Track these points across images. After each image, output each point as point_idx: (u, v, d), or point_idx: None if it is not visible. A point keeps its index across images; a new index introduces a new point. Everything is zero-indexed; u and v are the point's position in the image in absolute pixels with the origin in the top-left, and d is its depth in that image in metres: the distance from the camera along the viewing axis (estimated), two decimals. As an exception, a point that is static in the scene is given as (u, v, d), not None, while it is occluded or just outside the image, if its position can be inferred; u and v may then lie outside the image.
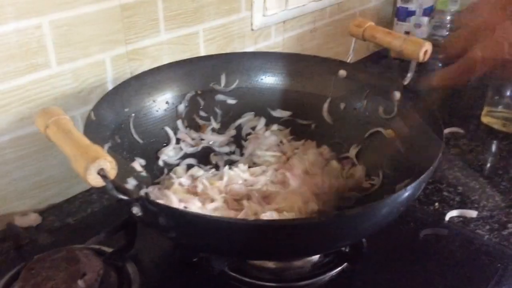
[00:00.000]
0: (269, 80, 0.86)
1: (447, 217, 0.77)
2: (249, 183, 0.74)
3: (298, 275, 0.65)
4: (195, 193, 0.72)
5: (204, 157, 0.81)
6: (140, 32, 0.81)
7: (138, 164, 0.73)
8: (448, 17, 1.44)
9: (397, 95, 0.75)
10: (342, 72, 0.81)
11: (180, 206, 0.66)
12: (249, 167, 0.78)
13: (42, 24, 0.69)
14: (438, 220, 0.77)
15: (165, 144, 0.79)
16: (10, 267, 0.65)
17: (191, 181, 0.74)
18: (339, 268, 0.66)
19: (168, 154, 0.77)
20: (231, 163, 0.80)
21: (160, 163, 0.77)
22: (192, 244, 0.61)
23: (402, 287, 0.65)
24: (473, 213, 0.77)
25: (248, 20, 1.00)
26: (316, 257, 0.67)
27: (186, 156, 0.80)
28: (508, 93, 1.01)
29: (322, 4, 1.15)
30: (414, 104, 0.72)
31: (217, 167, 0.80)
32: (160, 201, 0.63)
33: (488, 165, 0.90)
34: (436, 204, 0.80)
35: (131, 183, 0.69)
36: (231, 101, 0.85)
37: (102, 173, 0.47)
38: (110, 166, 0.47)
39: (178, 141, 0.80)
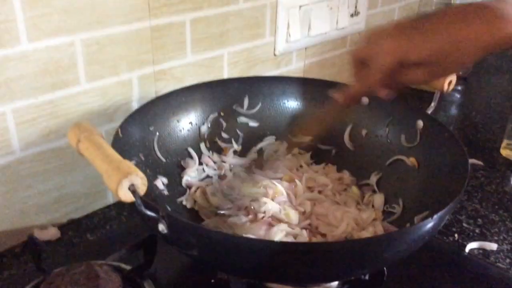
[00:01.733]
0: (291, 104, 0.87)
1: (467, 249, 0.76)
2: None
3: (317, 302, 0.65)
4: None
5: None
6: (167, 53, 0.83)
7: (160, 183, 0.73)
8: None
9: (420, 123, 0.75)
10: (365, 99, 0.82)
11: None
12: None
13: (74, 42, 0.71)
14: (458, 252, 0.76)
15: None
16: (29, 280, 0.65)
17: None
18: (359, 296, 0.65)
19: (191, 174, 0.78)
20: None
21: (183, 183, 0.77)
22: (213, 263, 0.61)
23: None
24: (493, 246, 0.77)
25: (272, 45, 1.01)
26: (335, 285, 0.66)
27: (207, 177, 0.80)
28: (528, 127, 1.01)
29: (343, 32, 1.17)
30: (438, 133, 0.72)
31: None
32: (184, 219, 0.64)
33: (507, 197, 0.90)
34: (456, 235, 0.79)
35: (153, 201, 0.70)
36: (253, 123, 0.86)
37: (132, 189, 0.47)
38: (141, 182, 0.47)
39: (200, 162, 0.81)
